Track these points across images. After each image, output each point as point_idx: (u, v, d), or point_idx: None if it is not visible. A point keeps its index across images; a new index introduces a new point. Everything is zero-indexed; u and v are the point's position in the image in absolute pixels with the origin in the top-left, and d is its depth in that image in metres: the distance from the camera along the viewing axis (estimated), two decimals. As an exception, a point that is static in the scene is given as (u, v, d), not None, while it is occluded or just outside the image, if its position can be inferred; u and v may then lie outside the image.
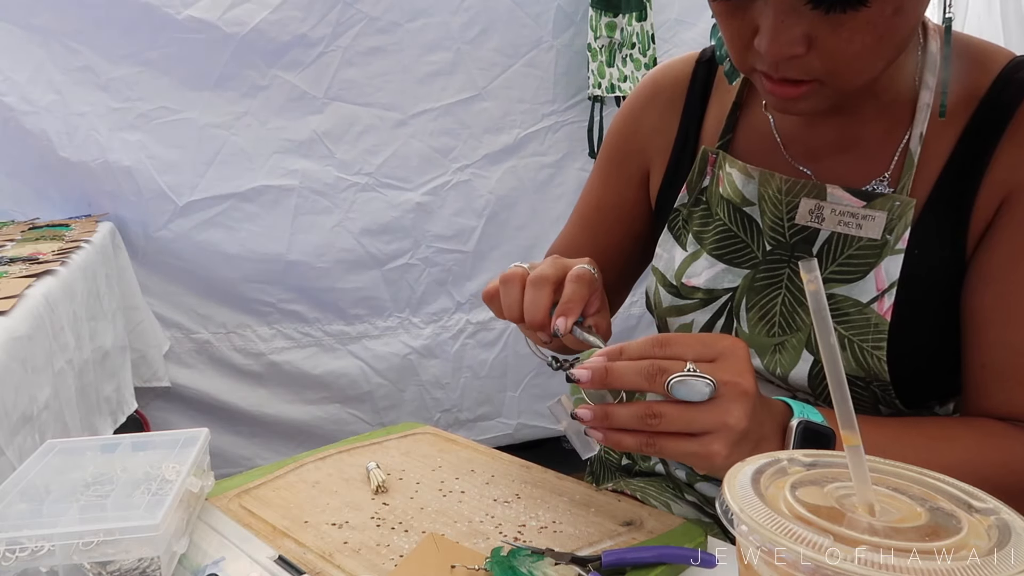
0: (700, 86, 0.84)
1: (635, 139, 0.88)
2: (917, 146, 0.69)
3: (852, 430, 0.40)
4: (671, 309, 0.81)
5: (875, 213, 0.69)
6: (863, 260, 0.70)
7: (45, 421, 1.13)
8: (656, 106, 0.87)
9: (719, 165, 0.79)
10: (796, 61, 0.61)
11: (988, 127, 0.67)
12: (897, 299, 0.68)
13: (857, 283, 0.70)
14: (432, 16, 2.11)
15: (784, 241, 0.74)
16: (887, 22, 0.58)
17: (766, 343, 0.74)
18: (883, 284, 0.69)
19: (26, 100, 1.92)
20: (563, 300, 0.65)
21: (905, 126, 0.71)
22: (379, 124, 2.14)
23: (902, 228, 0.68)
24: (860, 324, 0.69)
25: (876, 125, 0.72)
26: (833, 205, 0.71)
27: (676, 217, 0.82)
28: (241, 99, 2.04)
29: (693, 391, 0.53)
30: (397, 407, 2.29)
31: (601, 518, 0.65)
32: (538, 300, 0.65)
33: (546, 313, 0.65)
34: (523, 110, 2.24)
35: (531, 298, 0.65)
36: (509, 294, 0.67)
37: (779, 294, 0.74)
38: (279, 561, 0.59)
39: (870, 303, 0.69)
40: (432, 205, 2.21)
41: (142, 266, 2.05)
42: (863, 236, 0.70)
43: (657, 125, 0.87)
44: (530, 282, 0.66)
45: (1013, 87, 0.67)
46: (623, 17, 2.19)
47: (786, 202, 0.74)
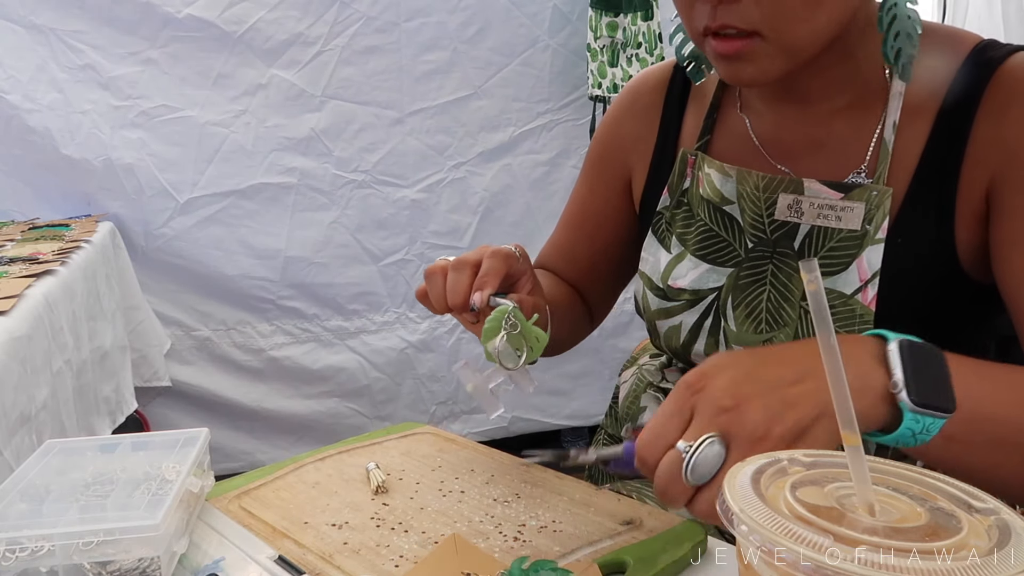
0: (678, 91, 0.85)
1: (617, 146, 0.90)
2: (891, 135, 0.69)
3: (852, 430, 0.40)
4: (659, 312, 0.81)
5: (853, 204, 0.69)
6: (845, 252, 0.70)
7: (43, 421, 1.13)
8: (635, 113, 0.88)
9: (698, 166, 0.80)
10: (735, 8, 0.62)
11: (960, 110, 0.68)
12: (881, 288, 0.69)
13: (840, 275, 0.70)
14: (429, 16, 2.13)
15: (765, 238, 0.75)
16: None
17: (754, 340, 0.75)
18: (866, 274, 0.69)
19: (28, 98, 1.94)
20: (479, 275, 0.66)
21: (878, 116, 0.71)
22: (376, 122, 2.16)
23: (881, 217, 0.68)
24: (845, 315, 0.69)
25: (849, 118, 0.72)
26: (811, 199, 0.72)
27: (659, 220, 0.83)
28: (240, 97, 2.06)
29: (710, 461, 0.49)
30: (394, 400, 2.32)
31: (601, 517, 0.65)
32: (458, 283, 0.67)
33: (467, 294, 0.66)
34: (518, 108, 2.25)
35: (452, 281, 0.67)
36: (435, 285, 0.69)
37: (764, 291, 0.75)
38: (279, 561, 0.59)
39: (854, 294, 0.69)
40: (428, 202, 2.23)
41: (142, 264, 2.06)
42: (843, 228, 0.70)
43: (637, 132, 0.88)
44: (451, 267, 0.68)
45: (980, 67, 0.68)
46: (625, 17, 2.19)
47: (764, 198, 0.74)
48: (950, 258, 0.69)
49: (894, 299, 0.69)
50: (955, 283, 0.70)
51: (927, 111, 0.69)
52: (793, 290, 0.72)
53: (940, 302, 0.70)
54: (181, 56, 2.01)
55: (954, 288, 0.70)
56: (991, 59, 0.68)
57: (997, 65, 0.67)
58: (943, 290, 0.70)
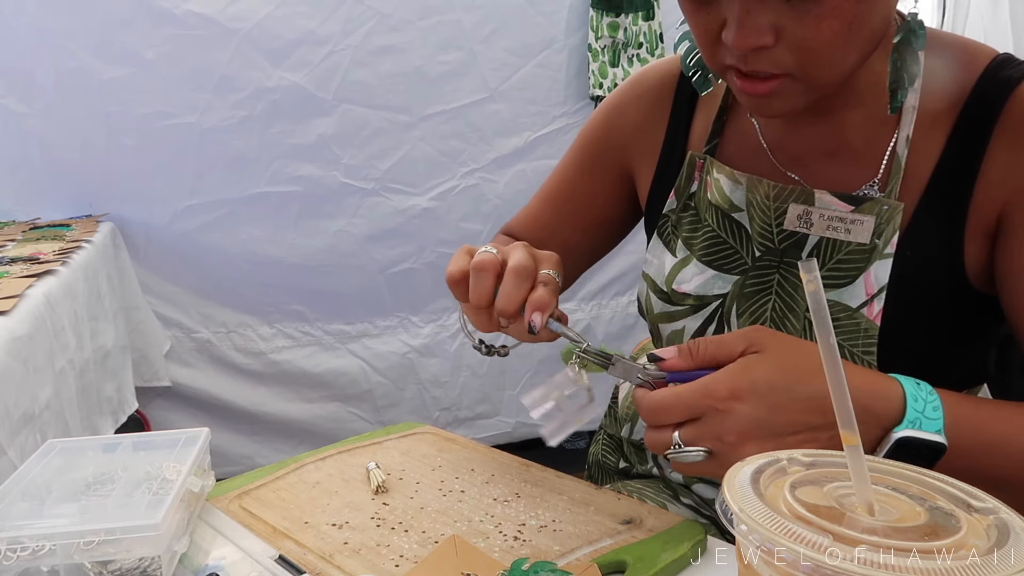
0: (688, 89, 0.84)
1: (618, 132, 0.88)
2: (904, 149, 0.69)
3: (852, 430, 0.40)
4: (662, 315, 0.81)
5: (863, 217, 0.69)
6: (852, 265, 0.70)
7: (47, 421, 1.14)
8: (642, 104, 0.87)
9: (706, 170, 0.79)
10: (765, 53, 0.61)
11: (976, 127, 0.67)
12: (887, 303, 0.68)
13: (847, 288, 0.70)
14: (445, 14, 2.05)
15: (773, 247, 0.74)
16: (853, 9, 0.58)
17: None
18: (872, 289, 0.69)
19: (23, 102, 1.90)
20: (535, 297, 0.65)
21: (892, 129, 0.71)
22: (388, 127, 2.09)
23: (891, 232, 0.68)
24: (850, 329, 0.69)
25: (863, 129, 0.72)
26: (821, 210, 0.71)
27: (665, 223, 0.82)
28: (244, 101, 1.98)
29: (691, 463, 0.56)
30: (396, 405, 2.29)
31: (601, 516, 0.65)
32: (515, 294, 0.64)
33: (519, 306, 0.65)
34: (534, 112, 2.18)
35: (509, 289, 0.65)
36: (482, 282, 0.66)
37: (769, 300, 0.74)
38: (279, 561, 0.59)
39: (860, 308, 0.69)
40: (439, 210, 2.17)
41: (143, 265, 2.05)
42: (852, 241, 0.70)
43: (641, 123, 0.86)
44: (512, 271, 0.65)
45: (997, 85, 0.67)
46: (626, 17, 2.18)
47: (774, 208, 0.74)
48: (957, 271, 0.69)
49: (900, 312, 0.69)
50: (961, 296, 0.70)
51: (942, 125, 0.69)
52: (799, 300, 0.72)
53: (945, 314, 0.70)
54: (179, 56, 1.91)
55: (959, 300, 0.70)
56: (1009, 78, 0.67)
57: (1015, 85, 0.67)
58: (949, 303, 0.70)
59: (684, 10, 0.65)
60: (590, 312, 2.36)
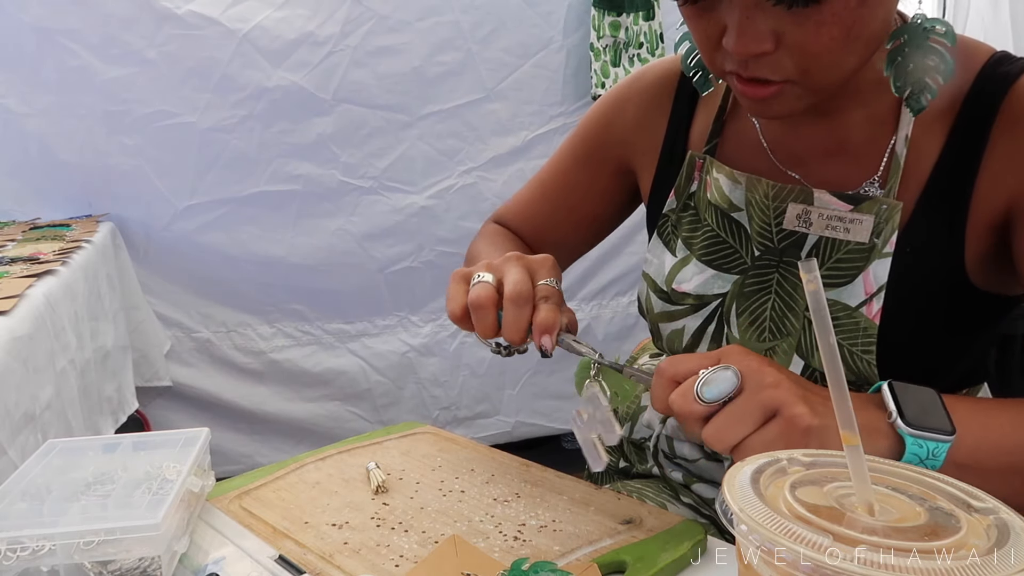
0: (688, 89, 0.84)
1: (617, 127, 0.88)
2: (903, 148, 0.69)
3: (852, 430, 0.40)
4: (662, 315, 0.81)
5: (862, 217, 0.69)
6: (852, 264, 0.70)
7: (47, 421, 1.14)
8: (642, 101, 0.87)
9: (706, 170, 0.79)
10: (766, 59, 0.61)
11: (975, 123, 0.67)
12: (886, 302, 0.68)
13: (846, 287, 0.70)
14: (443, 15, 2.07)
15: (773, 246, 0.74)
16: (852, 14, 0.58)
17: (757, 348, 0.74)
18: (872, 288, 0.69)
19: (24, 102, 1.90)
20: (539, 320, 0.65)
21: (891, 127, 0.71)
22: (386, 127, 2.11)
23: (890, 231, 0.68)
24: (849, 328, 0.69)
25: (862, 128, 0.72)
26: (820, 209, 0.71)
27: (665, 223, 0.82)
28: (244, 101, 1.99)
29: (722, 383, 0.55)
30: (396, 405, 2.30)
31: (601, 516, 0.65)
32: (519, 322, 0.65)
33: (526, 332, 0.66)
34: (531, 111, 2.20)
35: (511, 319, 0.66)
36: (483, 319, 0.67)
37: (769, 299, 0.74)
38: (279, 561, 0.59)
39: (859, 307, 0.69)
40: (437, 209, 2.19)
41: (143, 265, 2.05)
42: (851, 240, 0.70)
43: (641, 120, 0.86)
44: (510, 300, 0.65)
45: (995, 81, 0.67)
46: (628, 16, 2.18)
47: (773, 207, 0.74)
48: (957, 270, 0.69)
49: (899, 310, 0.69)
50: (960, 294, 0.70)
51: (941, 124, 0.69)
52: (798, 300, 0.72)
53: (944, 312, 0.70)
54: (180, 56, 1.93)
55: (959, 299, 0.70)
56: (1006, 74, 0.67)
57: (1013, 81, 0.67)
58: (948, 300, 0.70)
59: (684, 16, 0.65)
60: (590, 312, 2.36)
